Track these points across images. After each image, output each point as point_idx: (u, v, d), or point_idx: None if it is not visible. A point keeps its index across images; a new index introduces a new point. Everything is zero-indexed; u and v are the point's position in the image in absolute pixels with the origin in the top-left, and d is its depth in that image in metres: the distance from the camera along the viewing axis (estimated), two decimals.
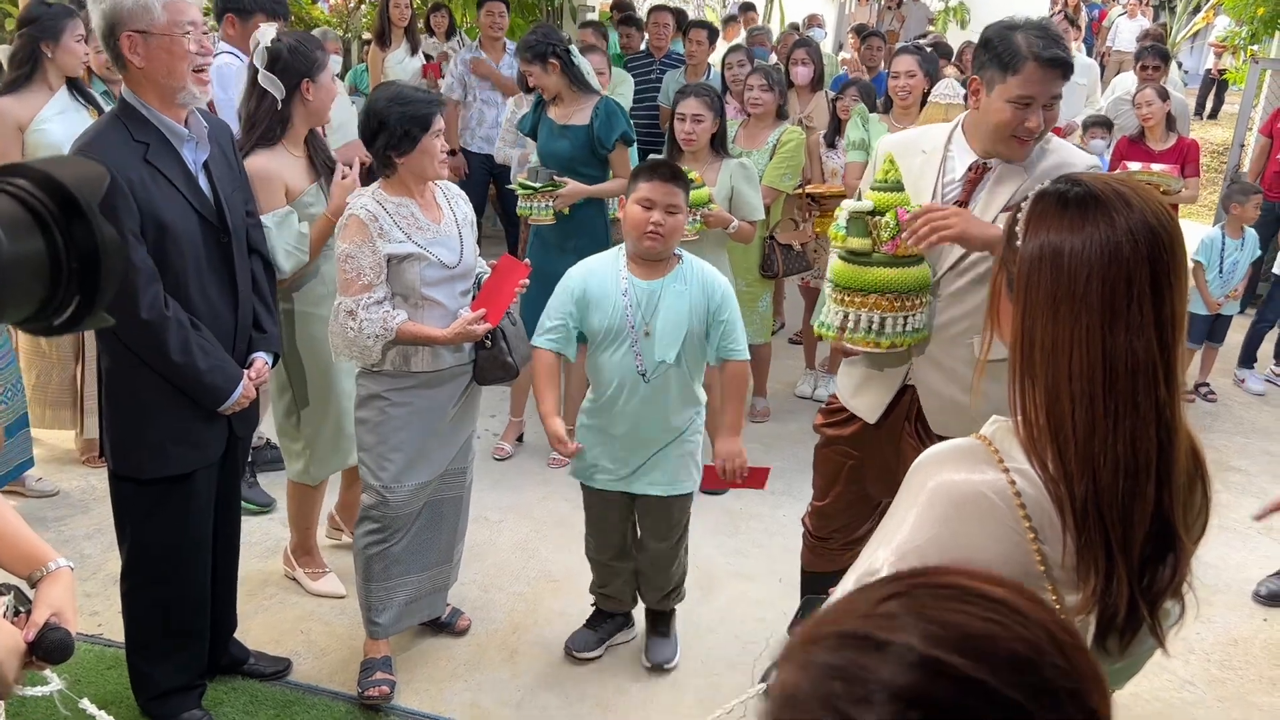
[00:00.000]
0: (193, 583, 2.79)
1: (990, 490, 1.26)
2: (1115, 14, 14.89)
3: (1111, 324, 1.21)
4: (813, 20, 11.20)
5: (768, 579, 3.71)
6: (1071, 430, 1.22)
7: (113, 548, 3.31)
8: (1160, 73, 6.71)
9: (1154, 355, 1.21)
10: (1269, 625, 3.69)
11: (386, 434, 2.95)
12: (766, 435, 4.95)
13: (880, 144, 2.77)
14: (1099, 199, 1.25)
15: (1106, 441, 1.21)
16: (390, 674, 3.08)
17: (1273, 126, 6.65)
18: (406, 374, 2.94)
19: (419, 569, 3.13)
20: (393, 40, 6.94)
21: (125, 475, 2.65)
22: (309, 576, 3.60)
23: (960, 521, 1.26)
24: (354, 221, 2.83)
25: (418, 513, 3.07)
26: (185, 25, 2.43)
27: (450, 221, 3.00)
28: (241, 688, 3.06)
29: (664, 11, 7.16)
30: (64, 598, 1.67)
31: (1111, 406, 1.21)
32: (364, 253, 2.80)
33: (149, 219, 2.44)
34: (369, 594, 3.07)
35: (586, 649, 3.29)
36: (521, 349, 3.12)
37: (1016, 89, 2.36)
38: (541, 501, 4.24)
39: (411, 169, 2.85)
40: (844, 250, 2.55)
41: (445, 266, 2.92)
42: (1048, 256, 1.25)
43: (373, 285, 2.81)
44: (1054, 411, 1.24)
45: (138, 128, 2.47)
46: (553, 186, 4.18)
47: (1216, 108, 14.26)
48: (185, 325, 2.52)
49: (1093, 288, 1.21)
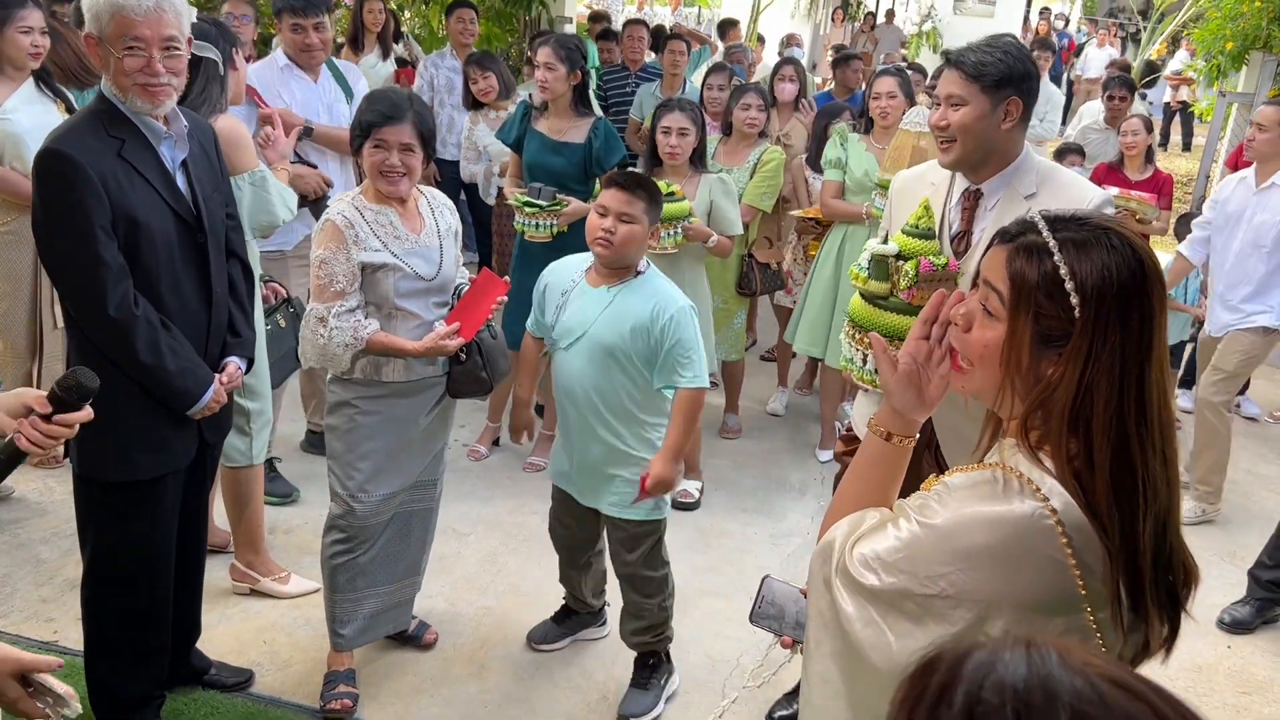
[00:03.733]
0: (156, 590, 2.71)
1: (1030, 522, 1.26)
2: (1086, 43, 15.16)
3: (1160, 328, 1.30)
4: (791, 40, 11.29)
5: (739, 597, 3.69)
6: (1123, 445, 1.28)
7: (70, 552, 3.24)
8: (1126, 102, 6.85)
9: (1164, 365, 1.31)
10: (1232, 652, 3.72)
11: (355, 442, 2.91)
12: (738, 452, 4.94)
13: (895, 181, 2.79)
14: (1145, 266, 1.30)
15: (1156, 451, 1.29)
16: (353, 687, 3.03)
17: (1239, 159, 6.76)
18: (377, 383, 2.90)
19: (386, 581, 3.08)
20: (365, 45, 6.89)
21: (90, 478, 2.58)
22: (276, 582, 3.53)
23: (1004, 557, 1.27)
24: (330, 227, 2.78)
25: (386, 524, 3.02)
26: (128, 41, 2.35)
27: (431, 232, 2.95)
28: (202, 699, 2.99)
29: (638, 25, 7.17)
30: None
31: (1160, 417, 1.31)
32: (338, 260, 2.76)
33: (121, 215, 2.39)
34: (334, 605, 3.01)
35: (545, 640, 3.29)
36: (500, 363, 3.08)
37: (938, 89, 2.50)
38: (511, 514, 4.20)
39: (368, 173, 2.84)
40: (863, 289, 2.58)
41: (421, 278, 2.88)
42: (1098, 263, 1.28)
43: (345, 293, 2.78)
44: (1108, 425, 1.27)
45: (113, 124, 2.42)
46: (558, 205, 4.16)
47: (1186, 139, 14.51)
48: (155, 325, 2.46)
49: (1154, 291, 1.29)
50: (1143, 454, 1.27)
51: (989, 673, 0.70)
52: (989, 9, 15.74)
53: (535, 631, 3.35)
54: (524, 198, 4.18)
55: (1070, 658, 0.70)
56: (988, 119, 2.41)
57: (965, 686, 0.70)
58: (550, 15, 8.96)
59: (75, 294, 2.45)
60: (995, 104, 2.40)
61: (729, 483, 4.57)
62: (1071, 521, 1.25)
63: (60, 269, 2.46)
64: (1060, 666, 0.69)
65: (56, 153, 2.34)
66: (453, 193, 6.36)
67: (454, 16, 6.45)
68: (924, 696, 0.72)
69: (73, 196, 2.33)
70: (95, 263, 2.35)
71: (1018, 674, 0.69)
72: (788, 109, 5.82)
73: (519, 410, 3.22)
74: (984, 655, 0.72)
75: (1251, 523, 4.65)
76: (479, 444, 4.73)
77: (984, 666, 0.71)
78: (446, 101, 6.39)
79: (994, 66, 2.38)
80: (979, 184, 2.52)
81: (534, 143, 4.33)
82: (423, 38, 8.25)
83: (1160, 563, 1.27)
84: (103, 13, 2.33)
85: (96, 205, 2.34)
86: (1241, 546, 4.39)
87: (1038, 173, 2.50)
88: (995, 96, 2.40)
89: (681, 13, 17.84)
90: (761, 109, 4.82)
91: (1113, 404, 1.26)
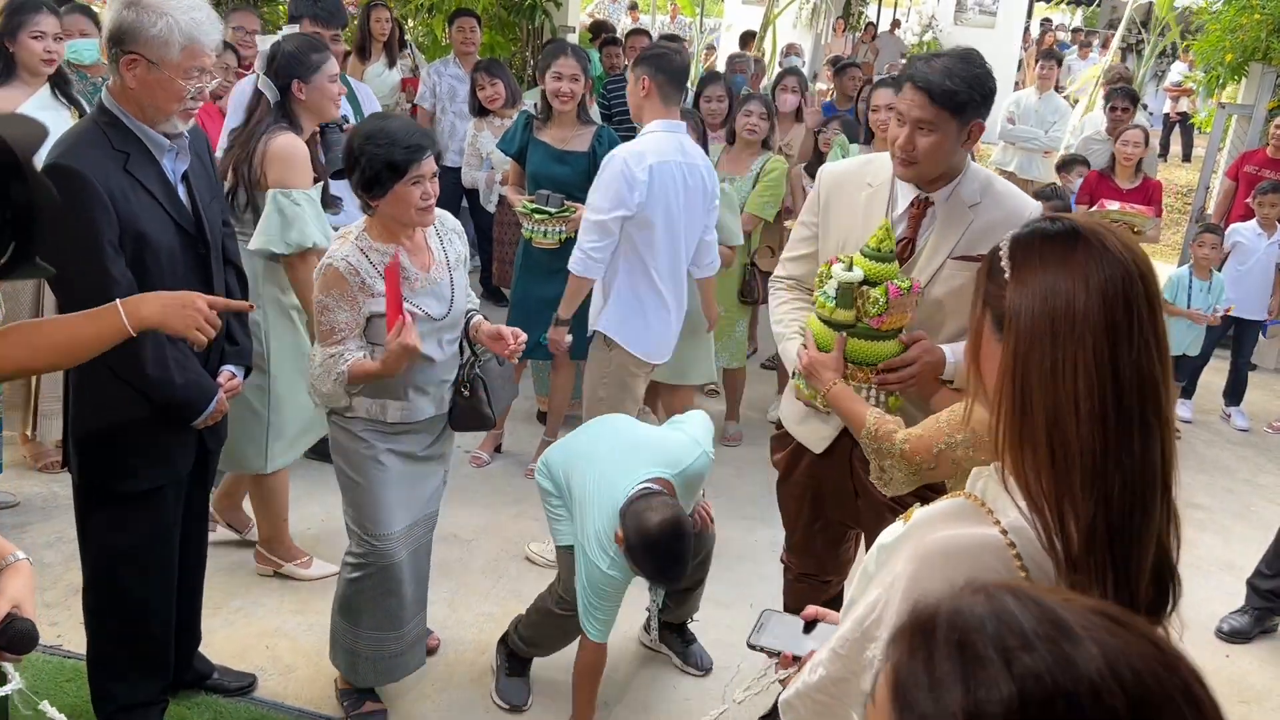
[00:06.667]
0: (158, 597, 2.73)
1: (984, 546, 1.26)
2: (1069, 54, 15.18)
3: (1116, 342, 1.22)
4: (791, 49, 11.32)
5: (738, 605, 3.70)
6: (1079, 452, 1.22)
7: (74, 557, 3.24)
8: (1129, 114, 6.88)
9: (1157, 372, 1.23)
10: (1231, 662, 3.73)
11: (370, 478, 2.82)
12: (738, 460, 4.95)
13: (822, 174, 2.70)
14: (1080, 232, 1.27)
15: (1119, 459, 1.22)
16: (379, 703, 3.03)
17: (1239, 170, 6.79)
18: (382, 423, 2.80)
19: (406, 621, 2.98)
20: (372, 54, 6.92)
21: (92, 488, 2.59)
22: (299, 566, 3.66)
23: (960, 576, 1.26)
24: (331, 273, 2.65)
25: (405, 561, 2.91)
26: (194, 71, 2.38)
27: (441, 264, 2.81)
28: (205, 703, 3.00)
29: (641, 35, 7.21)
30: (23, 590, 1.68)
31: (1125, 424, 1.22)
32: (340, 307, 2.65)
33: (128, 230, 2.38)
34: (356, 640, 2.94)
35: (525, 700, 3.16)
36: (505, 393, 3.01)
37: (897, 104, 2.45)
38: (513, 521, 4.21)
39: (386, 214, 2.66)
40: (828, 316, 2.43)
41: (431, 318, 2.75)
42: (1043, 287, 1.26)
43: (345, 340, 2.67)
44: (1057, 436, 1.23)
45: (118, 136, 2.41)
46: (567, 212, 4.19)
47: (1186, 150, 14.53)
48: (161, 339, 2.46)
49: (1093, 308, 1.22)
50: (1120, 433, 1.21)
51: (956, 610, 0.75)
52: (990, 19, 15.78)
53: (511, 693, 3.16)
54: (533, 205, 4.21)
55: (1022, 591, 0.75)
56: (954, 142, 2.40)
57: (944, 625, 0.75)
58: (553, 24, 8.99)
59: (82, 309, 2.45)
60: (961, 128, 2.39)
61: (730, 490, 4.58)
62: (1029, 554, 1.25)
63: (68, 284, 2.44)
64: (1013, 599, 0.74)
65: (65, 168, 2.31)
66: (454, 199, 6.41)
67: (456, 25, 6.49)
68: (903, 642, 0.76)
69: (82, 212, 2.31)
70: (104, 278, 2.34)
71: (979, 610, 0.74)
72: (788, 119, 5.85)
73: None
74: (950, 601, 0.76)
75: (1250, 532, 4.67)
76: (480, 450, 4.75)
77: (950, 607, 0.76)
78: (449, 109, 6.43)
79: (964, 94, 2.34)
80: (930, 193, 2.51)
81: (539, 152, 4.36)
82: (426, 46, 8.27)
83: (1144, 582, 1.24)
84: (174, 42, 2.34)
85: (105, 220, 2.33)
86: (1240, 556, 4.40)
87: (979, 181, 2.52)
88: (962, 121, 2.38)
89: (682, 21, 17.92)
90: (764, 117, 4.84)
91: (1066, 386, 1.22)
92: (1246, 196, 6.34)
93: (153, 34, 2.33)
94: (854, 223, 2.57)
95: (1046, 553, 1.23)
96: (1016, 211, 2.48)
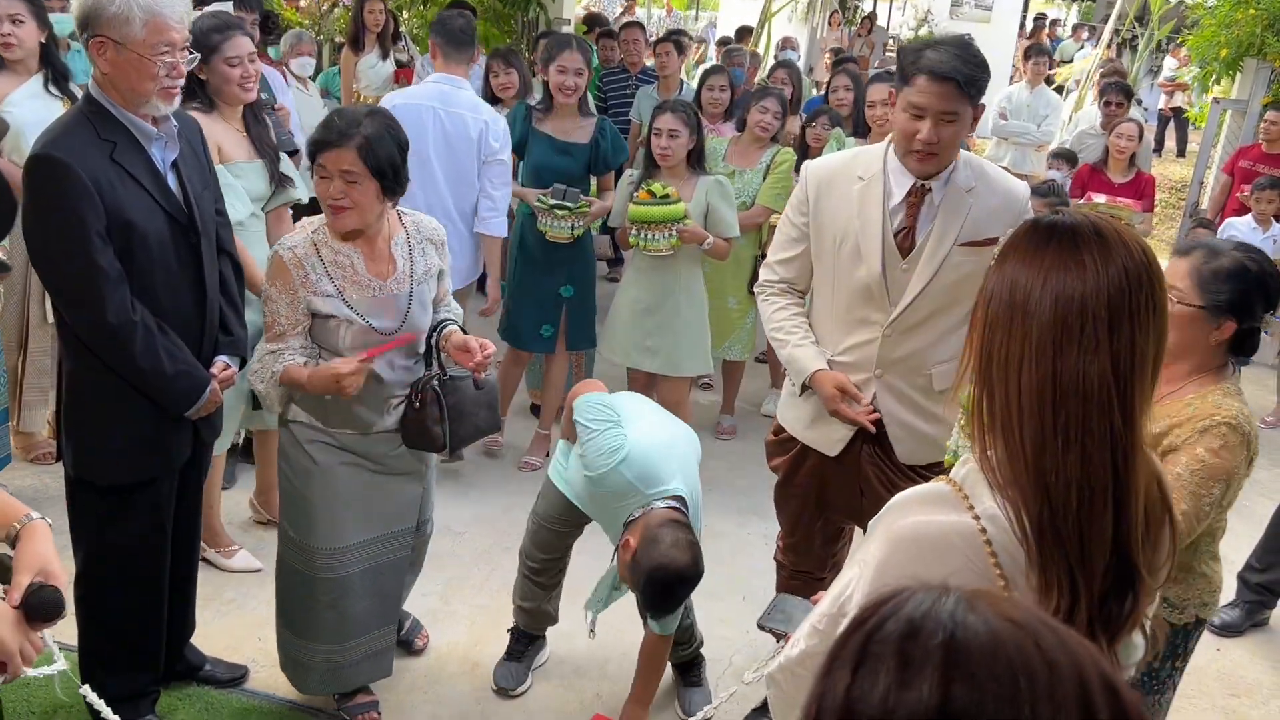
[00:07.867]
0: (151, 589, 2.73)
1: (956, 532, 1.27)
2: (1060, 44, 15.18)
3: (1062, 344, 1.21)
4: (786, 42, 11.31)
5: (731, 597, 3.70)
6: (1021, 445, 1.23)
7: (67, 548, 3.23)
8: (1124, 109, 6.89)
9: (1108, 382, 1.21)
10: (1222, 655, 3.74)
11: (309, 488, 2.70)
12: (732, 453, 4.95)
13: (807, 171, 2.67)
14: (1072, 230, 1.27)
15: (1057, 459, 1.22)
16: (371, 694, 3.01)
17: (1234, 165, 6.80)
18: (324, 430, 2.69)
19: (355, 635, 2.86)
20: (365, 45, 6.90)
21: (84, 480, 2.58)
22: (222, 555, 3.61)
23: (925, 562, 1.26)
24: (276, 261, 2.59)
25: (349, 580, 2.77)
26: (162, 47, 2.34)
27: (403, 277, 2.65)
28: (196, 695, 3.00)
29: (635, 28, 7.19)
30: (46, 553, 1.65)
31: (1061, 425, 1.22)
32: (281, 299, 2.58)
33: (115, 220, 2.36)
34: (289, 647, 2.90)
35: (520, 683, 3.15)
36: (475, 417, 2.78)
37: (910, 98, 2.39)
38: (505, 513, 4.21)
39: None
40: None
41: (376, 332, 2.61)
42: (1009, 274, 1.27)
43: (286, 335, 2.59)
44: (1006, 425, 1.25)
45: (104, 126, 2.39)
46: (583, 207, 4.23)
47: (1181, 145, 14.54)
48: (152, 329, 2.45)
49: (1045, 305, 1.22)
50: (1056, 436, 1.22)
51: (899, 608, 0.77)
52: (985, 14, 15.76)
53: (502, 676, 3.15)
54: (552, 200, 4.21)
55: (976, 601, 0.76)
56: (966, 129, 2.44)
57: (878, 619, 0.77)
58: (548, 17, 8.97)
59: (71, 301, 2.43)
60: (973, 114, 2.43)
61: (723, 483, 4.58)
62: (1001, 544, 1.25)
63: (55, 275, 2.43)
64: (959, 605, 0.75)
65: (49, 158, 2.30)
66: None
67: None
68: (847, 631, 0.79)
69: (67, 203, 2.30)
70: (92, 269, 2.33)
71: (919, 608, 0.75)
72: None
73: None
74: (898, 597, 0.79)
75: (1241, 526, 4.67)
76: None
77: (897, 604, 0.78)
78: None
79: (982, 79, 2.37)
80: (926, 180, 2.51)
81: (540, 144, 4.36)
82: (420, 38, 8.25)
83: (1097, 582, 1.24)
84: (134, 19, 2.30)
85: (91, 211, 2.32)
86: (1232, 550, 4.39)
87: (972, 166, 2.54)
88: (974, 106, 2.42)
89: (677, 16, 17.90)
90: (778, 116, 4.81)
91: (1013, 377, 1.24)
92: (1240, 191, 6.36)
93: (112, 12, 2.30)
94: (849, 217, 2.56)
95: (1019, 542, 1.24)
96: (1011, 194, 2.53)
